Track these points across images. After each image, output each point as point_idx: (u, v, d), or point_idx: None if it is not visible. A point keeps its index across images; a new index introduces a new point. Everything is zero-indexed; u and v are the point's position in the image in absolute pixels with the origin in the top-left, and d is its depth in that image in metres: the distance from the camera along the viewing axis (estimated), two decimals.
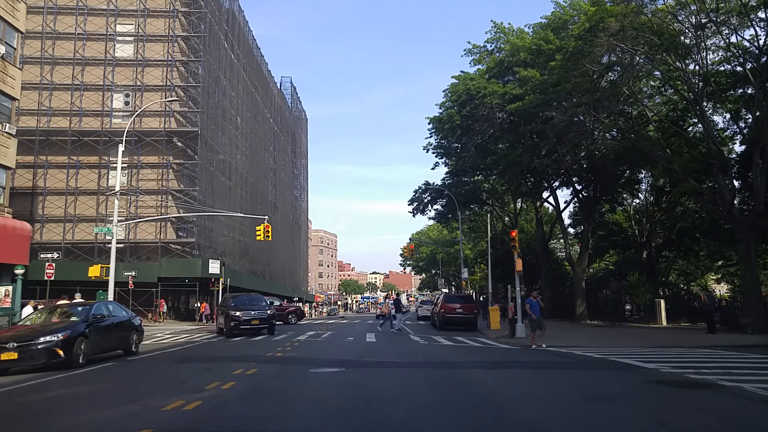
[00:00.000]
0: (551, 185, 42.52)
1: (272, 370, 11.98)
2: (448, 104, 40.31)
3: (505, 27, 39.00)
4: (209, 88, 39.87)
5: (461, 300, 30.68)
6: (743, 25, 24.68)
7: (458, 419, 7.00)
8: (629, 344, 18.75)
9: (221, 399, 8.29)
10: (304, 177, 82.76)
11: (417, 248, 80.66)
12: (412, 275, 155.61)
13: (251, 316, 23.23)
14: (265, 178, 56.92)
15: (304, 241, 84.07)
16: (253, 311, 23.59)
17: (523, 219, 54.13)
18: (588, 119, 30.45)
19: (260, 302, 25.50)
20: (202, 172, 37.99)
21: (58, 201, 37.02)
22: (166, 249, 37.00)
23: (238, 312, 23.24)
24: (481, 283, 60.67)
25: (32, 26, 35.17)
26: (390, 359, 14.22)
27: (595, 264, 49.72)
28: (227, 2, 45.46)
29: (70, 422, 6.99)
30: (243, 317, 23.04)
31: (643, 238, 41.79)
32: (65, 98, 37.61)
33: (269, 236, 29.58)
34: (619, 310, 36.24)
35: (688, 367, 11.95)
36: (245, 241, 47.77)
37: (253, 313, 23.44)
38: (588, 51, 27.17)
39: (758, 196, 24.37)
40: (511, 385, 10.22)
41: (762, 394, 8.69)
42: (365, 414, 7.40)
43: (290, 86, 73.79)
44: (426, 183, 46.96)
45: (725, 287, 54.33)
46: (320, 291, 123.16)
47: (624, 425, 6.92)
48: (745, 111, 28.88)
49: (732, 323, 26.35)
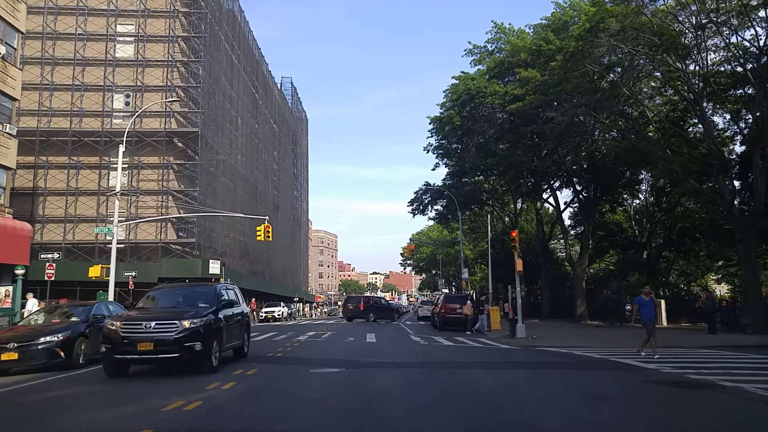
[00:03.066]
0: (551, 185, 42.56)
1: (272, 370, 11.99)
2: (449, 104, 40.33)
3: (505, 27, 39.06)
4: (209, 88, 39.86)
5: (461, 300, 30.67)
6: (743, 26, 24.69)
7: (459, 419, 7.00)
8: (630, 344, 18.72)
9: (222, 399, 8.29)
10: (304, 177, 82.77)
11: (417, 248, 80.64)
12: (412, 275, 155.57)
13: (143, 332, 10.70)
14: (266, 178, 56.91)
15: (304, 242, 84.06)
16: (153, 322, 10.87)
17: (523, 219, 54.14)
18: (588, 120, 30.46)
19: (195, 300, 12.39)
20: (202, 173, 37.98)
21: (59, 201, 37.00)
22: (166, 249, 36.99)
23: (123, 323, 11.00)
24: (482, 283, 60.65)
25: (32, 26, 35.14)
26: (390, 359, 14.22)
27: (596, 264, 49.72)
28: (227, 3, 45.46)
29: (70, 422, 6.99)
30: (125, 333, 10.69)
31: (643, 239, 41.80)
32: (65, 99, 37.59)
33: (269, 236, 29.60)
34: (620, 311, 36.25)
35: (689, 368, 11.95)
36: (245, 241, 47.76)
37: (151, 326, 10.75)
38: (588, 51, 27.18)
39: (758, 196, 24.38)
40: (512, 386, 10.22)
41: (762, 395, 8.69)
42: (366, 414, 7.40)
43: (290, 87, 73.80)
44: (426, 183, 47.00)
45: (725, 287, 54.32)
46: (320, 291, 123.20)
47: (624, 425, 6.93)
48: (745, 111, 28.89)
49: (732, 323, 26.36)
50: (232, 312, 12.89)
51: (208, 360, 11.01)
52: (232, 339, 12.72)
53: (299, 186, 78.66)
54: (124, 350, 10.65)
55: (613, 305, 37.25)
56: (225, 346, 12.16)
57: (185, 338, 10.61)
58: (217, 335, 11.48)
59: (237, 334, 13.18)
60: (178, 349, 10.61)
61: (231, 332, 12.54)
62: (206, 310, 11.55)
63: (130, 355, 10.70)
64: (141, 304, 12.84)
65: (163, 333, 10.66)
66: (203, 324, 10.95)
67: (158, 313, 11.77)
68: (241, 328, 13.63)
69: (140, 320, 11.05)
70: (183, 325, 10.74)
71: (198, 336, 10.73)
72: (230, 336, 12.51)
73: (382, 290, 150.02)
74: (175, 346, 10.59)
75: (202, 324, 10.93)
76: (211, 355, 11.10)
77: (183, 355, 10.66)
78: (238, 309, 13.62)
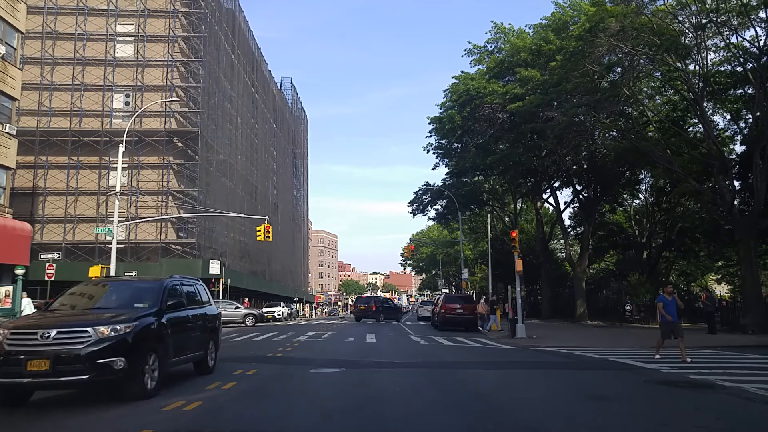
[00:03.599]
0: (551, 185, 42.56)
1: (273, 370, 11.97)
2: (449, 104, 40.34)
3: (505, 27, 39.05)
4: (209, 88, 39.86)
5: (461, 300, 30.68)
6: (743, 26, 24.70)
7: (459, 419, 7.00)
8: (630, 344, 18.74)
9: (222, 399, 8.28)
10: (304, 177, 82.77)
11: (417, 249, 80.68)
12: (412, 275, 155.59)
13: (37, 345, 7.51)
14: (266, 178, 56.91)
15: (304, 242, 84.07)
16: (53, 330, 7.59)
17: (523, 219, 54.13)
18: (588, 120, 30.46)
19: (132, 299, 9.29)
20: (202, 173, 37.98)
21: (59, 201, 37.00)
22: (166, 249, 36.99)
23: (12, 332, 7.74)
24: (482, 283, 60.63)
25: (32, 26, 35.15)
26: (390, 359, 14.21)
27: (596, 264, 49.74)
28: (227, 2, 45.48)
29: (70, 422, 6.98)
30: (12, 346, 7.54)
31: (643, 239, 41.81)
32: (65, 98, 37.59)
33: (269, 237, 29.60)
34: (620, 311, 36.28)
35: (689, 368, 11.96)
36: (245, 241, 47.77)
37: (50, 335, 7.53)
38: (588, 51, 27.18)
39: (758, 196, 24.38)
40: (512, 386, 10.22)
41: (763, 395, 8.69)
42: (366, 414, 7.40)
43: (290, 87, 73.84)
44: (426, 184, 47.01)
45: (725, 287, 54.34)
46: (320, 291, 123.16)
47: (625, 425, 6.92)
48: (745, 111, 28.90)
49: (732, 323, 26.37)
50: (188, 314, 9.94)
51: (137, 382, 7.89)
52: (186, 350, 9.75)
53: (299, 186, 78.67)
54: (8, 371, 7.30)
55: (613, 305, 37.26)
56: (173, 360, 9.15)
57: (100, 352, 7.43)
58: (157, 346, 8.45)
59: (196, 342, 10.25)
60: (89, 369, 7.35)
61: (184, 341, 9.65)
62: (141, 312, 8.47)
63: (16, 378, 7.29)
64: (57, 303, 9.23)
65: (68, 345, 7.41)
66: (131, 331, 7.85)
67: (66, 317, 8.39)
68: (205, 334, 10.70)
69: (35, 328, 7.67)
70: (99, 334, 7.54)
71: (121, 349, 7.59)
72: (183, 346, 9.57)
73: (382, 290, 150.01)
74: (83, 364, 7.34)
75: (130, 331, 7.82)
76: (143, 374, 7.99)
77: (95, 376, 7.40)
78: (200, 310, 10.66)
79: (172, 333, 8.96)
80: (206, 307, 11.12)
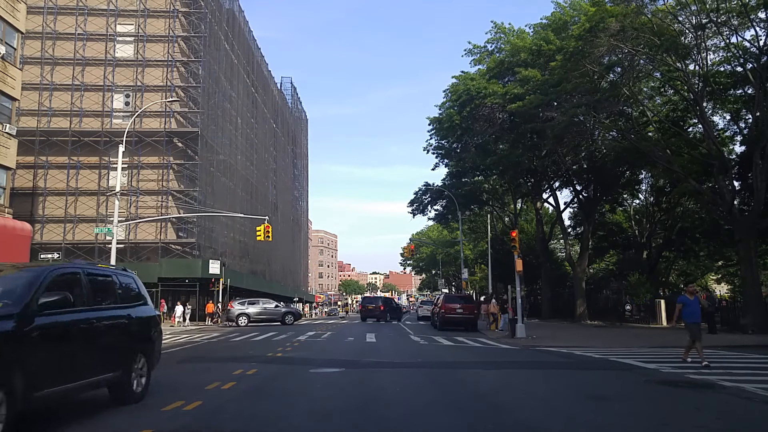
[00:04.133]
0: (551, 186, 42.57)
1: (272, 370, 11.97)
2: (449, 104, 40.35)
3: (505, 27, 39.06)
4: (209, 88, 39.86)
5: (461, 300, 30.70)
6: (743, 26, 24.71)
7: (459, 419, 7.00)
8: (629, 344, 18.75)
9: (222, 399, 8.27)
10: (304, 177, 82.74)
11: (417, 249, 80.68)
12: (412, 275, 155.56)
13: None
14: (266, 178, 56.91)
15: (304, 242, 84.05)
16: None
17: (523, 219, 54.15)
18: (588, 120, 30.48)
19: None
20: (202, 173, 37.99)
21: (59, 201, 37.00)
22: (166, 249, 36.99)
23: None
24: (481, 283, 60.65)
25: (32, 26, 35.14)
26: (390, 359, 14.21)
27: (596, 264, 49.77)
28: (227, 2, 45.47)
29: (69, 422, 6.97)
30: None
31: (643, 239, 41.83)
32: (65, 98, 37.59)
33: (269, 236, 29.61)
34: (620, 311, 36.27)
35: (689, 368, 11.95)
36: (245, 241, 47.77)
37: None
38: (588, 51, 27.19)
39: (758, 196, 24.39)
40: (512, 386, 10.22)
41: (763, 395, 8.69)
42: (366, 414, 7.40)
43: (290, 87, 73.80)
44: (426, 184, 47.00)
45: (725, 287, 54.38)
46: (320, 291, 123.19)
47: (625, 425, 6.92)
48: (745, 111, 28.92)
49: (732, 323, 26.36)
50: (89, 317, 6.83)
51: None
52: (81, 370, 6.60)
53: (299, 186, 78.66)
54: None
55: (613, 305, 37.26)
56: (47, 390, 5.87)
57: None
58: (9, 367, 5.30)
59: (105, 358, 7.11)
60: None
61: (79, 357, 6.58)
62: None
63: None
64: None
65: None
66: None
67: None
68: (125, 346, 7.59)
69: None
70: None
71: None
72: (74, 364, 6.47)
73: (382, 290, 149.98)
74: None
75: None
76: None
77: None
78: (117, 311, 7.60)
79: (47, 346, 5.97)
80: (132, 308, 8.01)
